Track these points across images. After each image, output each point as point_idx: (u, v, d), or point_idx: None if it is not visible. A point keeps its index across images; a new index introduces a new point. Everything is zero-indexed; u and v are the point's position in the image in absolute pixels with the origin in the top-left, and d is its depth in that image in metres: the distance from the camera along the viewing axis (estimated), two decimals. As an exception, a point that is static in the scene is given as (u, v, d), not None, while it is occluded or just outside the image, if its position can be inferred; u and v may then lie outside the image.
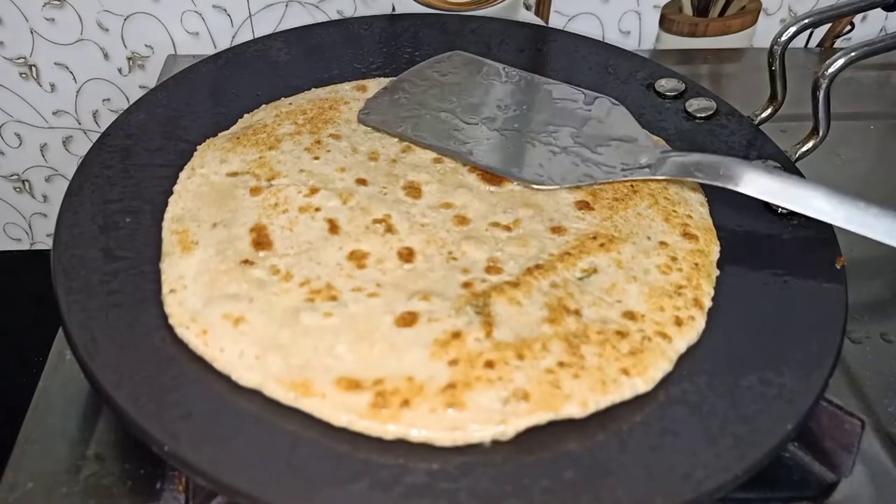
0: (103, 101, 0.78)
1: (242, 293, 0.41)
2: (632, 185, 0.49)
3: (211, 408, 0.37)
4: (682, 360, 0.40)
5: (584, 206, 0.48)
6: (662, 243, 0.46)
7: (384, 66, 0.59)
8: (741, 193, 0.45)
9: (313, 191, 0.47)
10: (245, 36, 0.74)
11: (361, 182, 0.48)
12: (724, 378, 0.40)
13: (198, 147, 0.51)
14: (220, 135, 0.52)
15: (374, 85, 0.57)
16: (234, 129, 0.53)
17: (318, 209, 0.46)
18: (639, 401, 0.39)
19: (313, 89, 0.57)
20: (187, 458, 0.35)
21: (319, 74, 0.58)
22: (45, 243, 0.88)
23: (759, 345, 0.41)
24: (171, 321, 0.40)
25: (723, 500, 0.36)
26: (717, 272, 0.45)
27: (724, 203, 0.49)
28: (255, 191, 0.47)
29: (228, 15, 0.73)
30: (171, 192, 0.47)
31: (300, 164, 0.49)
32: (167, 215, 0.46)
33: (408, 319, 0.40)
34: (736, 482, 0.36)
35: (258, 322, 0.40)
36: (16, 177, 0.83)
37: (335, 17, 0.74)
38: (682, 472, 0.36)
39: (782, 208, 0.48)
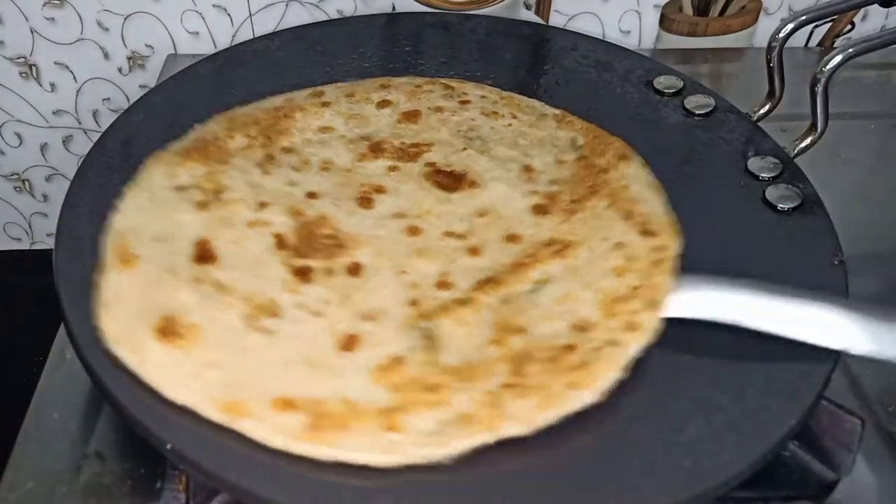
0: (103, 100, 0.78)
1: (180, 308, 0.39)
2: (591, 186, 0.48)
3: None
4: (683, 358, 0.40)
5: (540, 210, 0.47)
6: (619, 244, 0.44)
7: (384, 66, 0.59)
8: (740, 189, 0.44)
9: (262, 206, 0.46)
10: (245, 35, 0.74)
11: (312, 196, 0.47)
12: (725, 374, 0.40)
13: (145, 161, 0.48)
14: (168, 147, 0.50)
15: (332, 90, 0.55)
16: (184, 142, 0.50)
17: (266, 224, 0.45)
18: (639, 398, 0.38)
19: (269, 97, 0.54)
20: (190, 456, 0.35)
21: (319, 73, 0.58)
22: (45, 243, 0.88)
23: (760, 342, 0.41)
24: (105, 336, 0.38)
25: (722, 499, 0.36)
26: (678, 267, 0.43)
27: (721, 197, 0.49)
28: (201, 205, 0.45)
29: (228, 14, 0.73)
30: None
31: (250, 178, 0.47)
32: (110, 229, 0.44)
33: (349, 343, 0.39)
34: (736, 480, 0.36)
35: (195, 338, 0.38)
36: (16, 176, 0.83)
37: (335, 16, 0.74)
38: (683, 469, 0.36)
39: (782, 204, 0.48)
